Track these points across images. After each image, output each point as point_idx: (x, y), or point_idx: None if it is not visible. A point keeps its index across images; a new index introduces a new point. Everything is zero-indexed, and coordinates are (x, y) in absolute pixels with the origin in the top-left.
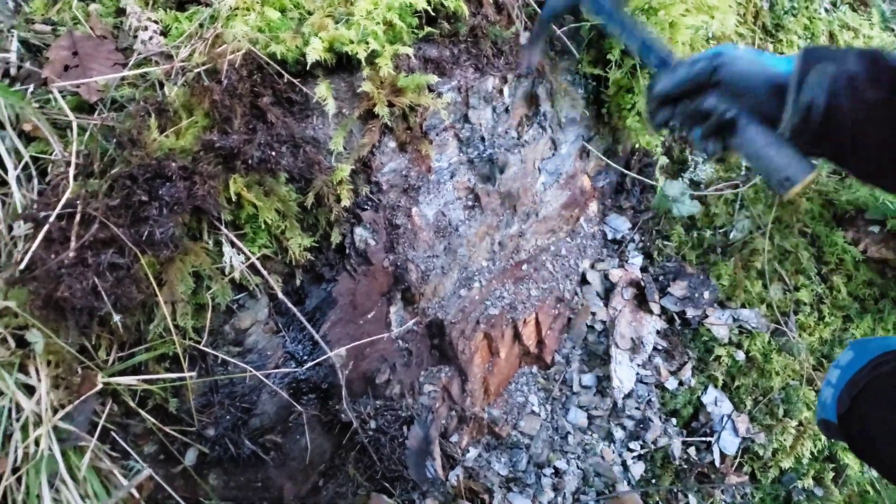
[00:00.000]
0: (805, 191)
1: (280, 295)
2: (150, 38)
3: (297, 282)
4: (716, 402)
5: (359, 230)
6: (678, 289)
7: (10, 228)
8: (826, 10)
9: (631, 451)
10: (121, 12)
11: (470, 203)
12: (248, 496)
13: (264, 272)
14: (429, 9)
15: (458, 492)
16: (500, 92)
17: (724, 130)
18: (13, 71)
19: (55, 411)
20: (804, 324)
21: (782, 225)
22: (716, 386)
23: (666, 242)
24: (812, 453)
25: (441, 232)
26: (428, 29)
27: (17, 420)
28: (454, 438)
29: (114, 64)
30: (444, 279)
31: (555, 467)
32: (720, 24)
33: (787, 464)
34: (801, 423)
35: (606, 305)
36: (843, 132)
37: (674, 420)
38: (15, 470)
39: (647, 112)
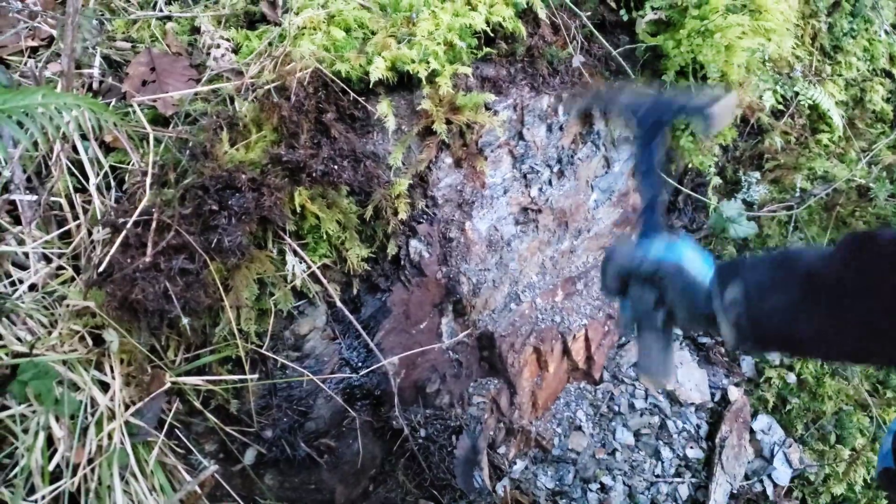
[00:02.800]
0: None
1: (338, 303)
2: (222, 56)
3: (354, 291)
4: (767, 430)
5: (414, 242)
6: None
7: (90, 233)
8: (886, 32)
9: (678, 471)
10: (195, 30)
11: (522, 218)
12: (302, 497)
13: (324, 280)
14: (487, 29)
15: (505, 503)
16: (555, 110)
17: (647, 320)
18: (95, 85)
19: (127, 407)
20: None
21: None
22: (766, 410)
23: None
24: (865, 480)
25: (493, 246)
26: (486, 49)
27: (93, 415)
28: (502, 450)
29: (188, 79)
30: (495, 292)
31: (601, 483)
32: (777, 47)
33: (838, 490)
34: (853, 450)
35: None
36: (775, 336)
37: None
38: (90, 461)
39: (601, 276)
